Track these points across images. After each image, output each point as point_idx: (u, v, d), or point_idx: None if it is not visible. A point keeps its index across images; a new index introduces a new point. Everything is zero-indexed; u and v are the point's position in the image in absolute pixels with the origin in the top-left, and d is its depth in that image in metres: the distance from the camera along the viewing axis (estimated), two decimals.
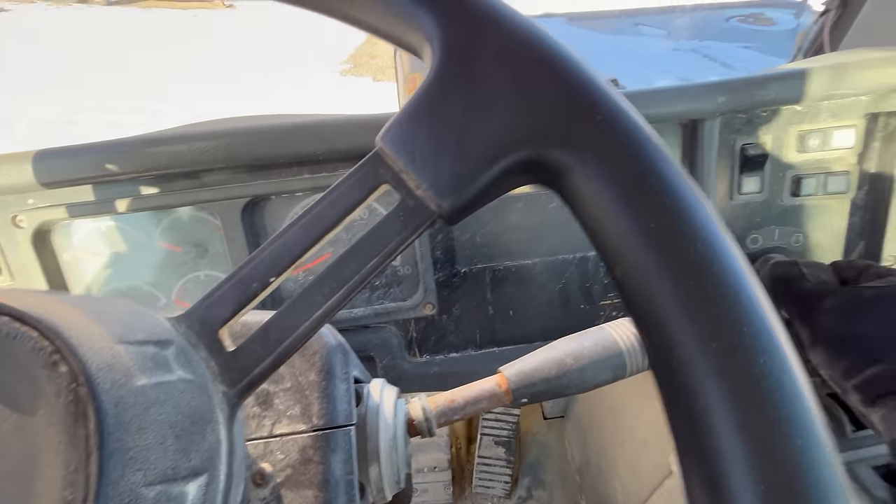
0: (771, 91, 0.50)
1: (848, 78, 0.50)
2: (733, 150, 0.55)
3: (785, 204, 0.56)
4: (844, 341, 0.43)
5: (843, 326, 0.44)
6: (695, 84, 0.52)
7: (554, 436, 1.46)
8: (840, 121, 0.53)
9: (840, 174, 0.54)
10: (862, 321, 0.43)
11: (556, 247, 0.57)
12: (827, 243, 0.57)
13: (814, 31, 0.77)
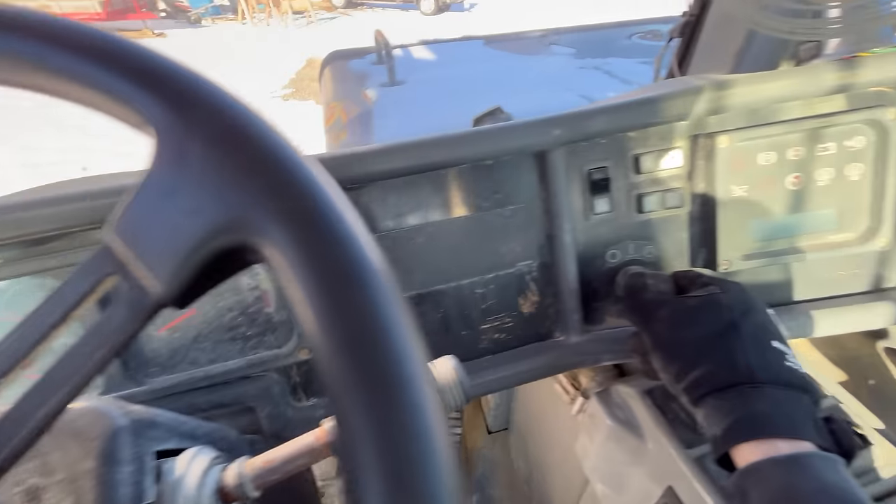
0: (598, 123, 0.55)
1: (668, 106, 0.56)
2: (582, 174, 0.60)
3: (633, 220, 0.61)
4: (673, 347, 0.47)
5: (672, 334, 0.48)
6: (536, 120, 0.56)
7: (499, 449, 1.48)
8: (668, 143, 0.59)
9: (674, 191, 0.60)
10: (686, 329, 0.47)
11: (427, 279, 0.59)
12: (674, 253, 0.62)
13: (666, 56, 0.85)
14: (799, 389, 0.40)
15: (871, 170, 0.58)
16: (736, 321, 0.44)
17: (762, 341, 0.43)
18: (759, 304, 0.47)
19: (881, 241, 0.59)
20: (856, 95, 0.56)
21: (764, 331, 0.45)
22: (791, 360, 0.42)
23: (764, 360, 0.42)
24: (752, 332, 0.44)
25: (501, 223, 0.60)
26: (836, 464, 0.36)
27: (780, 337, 0.45)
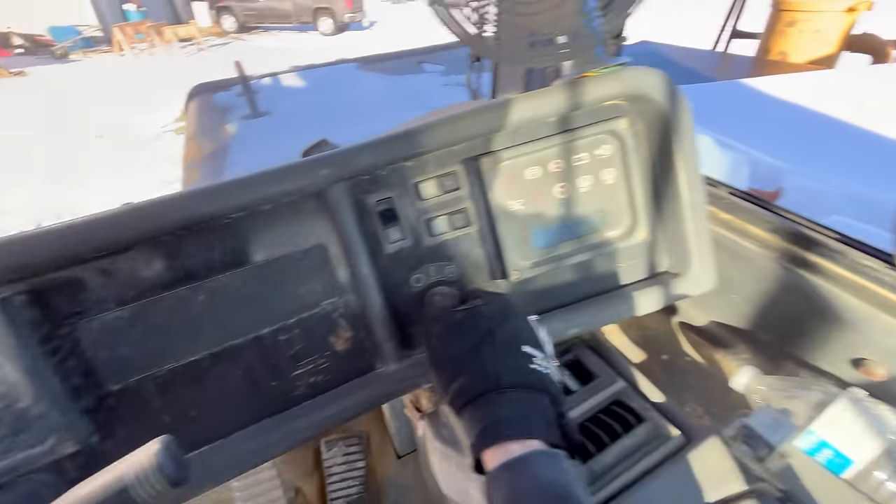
0: (364, 159, 0.56)
1: (434, 135, 0.58)
2: (369, 207, 0.60)
3: (429, 244, 0.63)
4: (441, 361, 0.49)
5: (441, 348, 0.50)
6: (303, 161, 0.56)
7: (410, 472, 1.46)
8: (445, 168, 0.61)
9: (460, 212, 0.63)
10: (451, 342, 0.49)
11: (219, 337, 0.56)
12: (473, 269, 0.65)
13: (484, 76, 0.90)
14: (539, 391, 0.43)
15: (622, 174, 0.65)
16: (493, 330, 0.47)
17: (513, 347, 0.46)
18: (518, 312, 0.50)
19: (641, 234, 0.66)
20: (595, 110, 0.62)
21: (516, 337, 0.47)
22: (538, 362, 0.45)
23: (511, 365, 0.45)
24: (504, 340, 0.46)
25: (294, 266, 0.59)
26: (558, 460, 0.39)
27: (533, 341, 0.48)
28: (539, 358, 0.46)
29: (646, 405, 0.61)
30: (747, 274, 0.67)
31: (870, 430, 0.50)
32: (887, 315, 0.53)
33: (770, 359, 0.67)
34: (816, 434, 0.53)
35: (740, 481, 0.50)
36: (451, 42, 2.09)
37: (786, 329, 0.64)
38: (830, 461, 0.52)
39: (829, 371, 0.60)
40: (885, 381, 0.54)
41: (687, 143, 0.63)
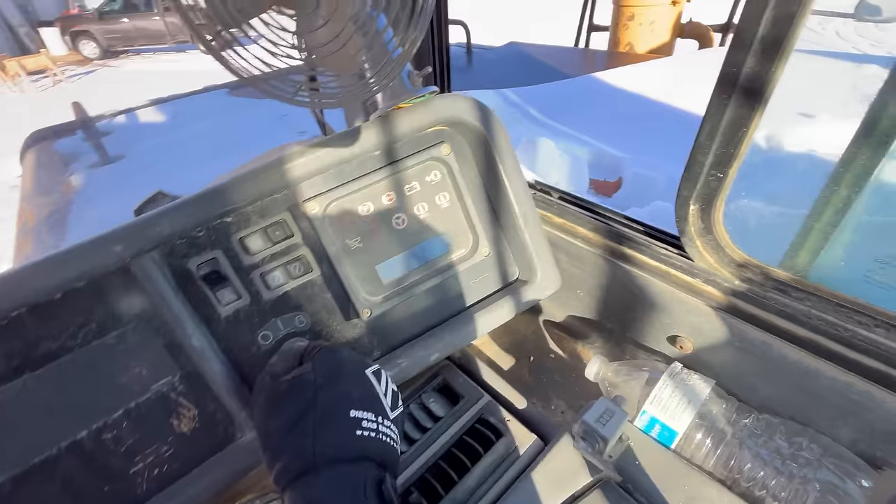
0: (166, 226, 0.52)
1: (248, 188, 0.55)
2: (191, 272, 0.56)
3: (270, 298, 0.60)
4: (265, 437, 0.45)
5: (263, 423, 0.46)
6: (93, 240, 0.50)
7: None
8: (270, 218, 0.58)
9: (297, 260, 0.60)
10: (273, 416, 0.45)
11: (20, 455, 0.49)
12: (325, 314, 0.63)
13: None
14: (361, 460, 0.41)
15: (455, 196, 0.66)
16: (315, 400, 0.44)
17: (337, 415, 0.43)
18: (350, 370, 0.47)
19: (485, 250, 0.68)
20: (417, 139, 0.63)
21: (344, 401, 0.44)
22: (367, 425, 0.43)
23: (332, 439, 0.42)
24: (329, 408, 0.43)
25: (108, 353, 0.53)
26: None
27: (365, 401, 0.45)
28: (369, 420, 0.44)
29: (507, 418, 0.64)
30: (584, 271, 0.72)
31: (685, 401, 0.56)
32: (686, 295, 0.60)
33: (616, 344, 0.73)
34: (648, 413, 0.58)
35: (586, 475, 0.54)
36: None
37: (622, 316, 0.70)
38: (661, 434, 0.57)
39: (656, 349, 0.67)
40: (695, 352, 0.61)
41: (508, 158, 0.66)
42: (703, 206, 0.53)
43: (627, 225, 0.65)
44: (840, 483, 0.47)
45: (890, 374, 0.45)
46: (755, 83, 0.43)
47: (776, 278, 0.50)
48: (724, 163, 0.48)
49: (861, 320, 0.46)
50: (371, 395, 0.46)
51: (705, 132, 0.48)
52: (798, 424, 0.53)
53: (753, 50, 0.42)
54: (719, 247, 0.54)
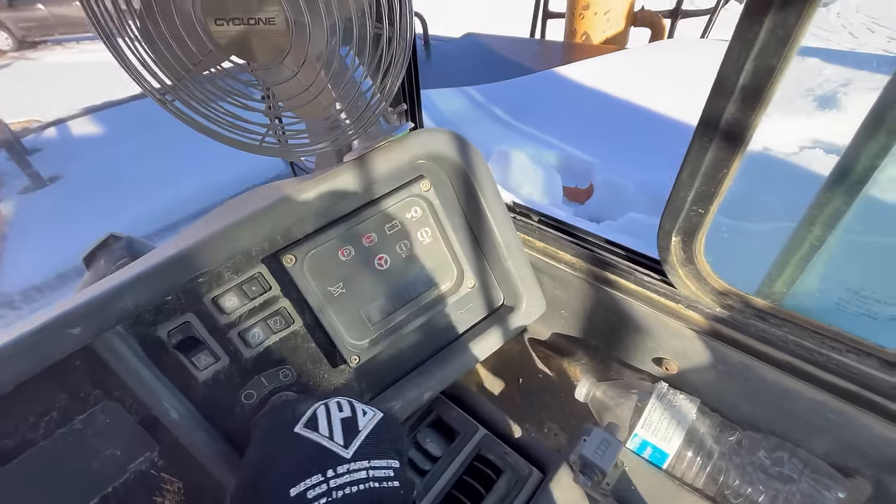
0: (128, 300, 0.47)
1: (217, 249, 0.51)
2: (161, 340, 0.51)
3: (250, 356, 0.57)
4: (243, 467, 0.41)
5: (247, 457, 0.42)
6: (46, 324, 0.45)
7: None
8: (244, 274, 0.55)
9: (276, 314, 0.57)
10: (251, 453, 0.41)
11: None
12: (311, 365, 0.61)
13: None
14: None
15: (437, 231, 0.65)
16: (255, 483, 0.38)
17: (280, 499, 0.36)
18: (275, 441, 0.41)
19: (470, 282, 0.67)
20: (395, 176, 0.61)
21: (280, 484, 0.37)
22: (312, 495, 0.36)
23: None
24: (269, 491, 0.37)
25: (76, 439, 0.48)
26: None
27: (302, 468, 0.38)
28: (314, 486, 0.36)
29: (505, 450, 0.64)
30: (567, 293, 0.73)
31: (674, 422, 0.59)
32: (670, 319, 0.61)
33: (602, 361, 0.75)
34: (640, 436, 0.60)
35: None
36: None
37: (607, 336, 0.71)
38: (652, 456, 0.59)
39: (642, 369, 0.69)
40: (679, 373, 0.63)
41: (488, 188, 0.65)
42: (685, 239, 0.54)
43: (609, 250, 0.66)
44: (818, 495, 0.50)
45: (861, 394, 0.49)
46: (735, 128, 0.44)
47: (755, 306, 0.53)
48: (706, 199, 0.49)
49: (834, 346, 0.49)
50: (308, 453, 0.39)
51: (687, 171, 0.49)
52: (778, 439, 0.56)
53: (734, 98, 0.42)
54: (701, 276, 0.55)
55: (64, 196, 1.34)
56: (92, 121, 1.78)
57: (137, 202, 1.19)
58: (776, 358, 0.53)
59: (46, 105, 2.07)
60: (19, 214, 1.23)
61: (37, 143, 1.66)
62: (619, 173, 1.12)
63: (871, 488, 0.50)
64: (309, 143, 0.53)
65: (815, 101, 1.24)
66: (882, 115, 0.40)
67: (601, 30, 2.77)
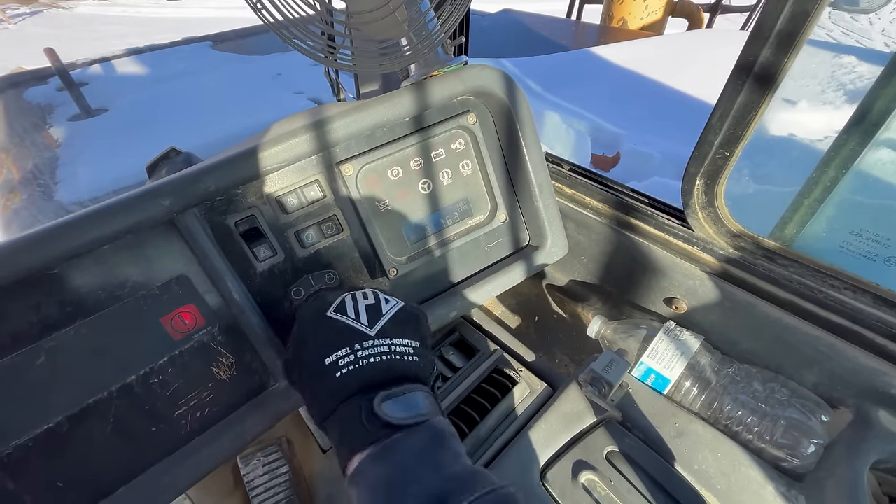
0: (212, 182, 0.53)
1: (284, 149, 0.57)
2: (230, 228, 0.58)
3: (303, 256, 0.63)
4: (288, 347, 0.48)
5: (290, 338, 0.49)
6: (142, 192, 0.51)
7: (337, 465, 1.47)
8: (305, 179, 0.61)
9: (329, 220, 0.63)
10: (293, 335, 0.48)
11: (74, 397, 0.51)
12: (353, 273, 0.67)
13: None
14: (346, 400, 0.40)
15: (477, 164, 0.70)
16: (301, 371, 0.44)
17: (316, 371, 0.42)
18: (309, 323, 0.46)
19: (502, 217, 0.73)
20: (445, 107, 0.66)
21: (315, 355, 0.43)
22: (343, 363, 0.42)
23: (321, 394, 0.42)
24: (307, 372, 0.43)
25: (154, 304, 0.55)
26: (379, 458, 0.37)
27: (333, 342, 0.43)
28: (343, 356, 0.42)
29: (519, 367, 0.70)
30: (590, 238, 0.78)
31: (678, 354, 0.64)
32: (685, 262, 0.67)
33: (615, 305, 0.81)
34: (645, 364, 0.66)
35: (591, 415, 0.61)
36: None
37: (622, 280, 0.77)
38: (655, 382, 0.65)
39: (653, 310, 0.74)
40: (688, 312, 0.69)
41: (528, 129, 0.70)
42: (708, 182, 0.59)
43: (634, 197, 0.71)
44: (804, 419, 0.56)
45: (851, 328, 0.54)
46: (769, 71, 0.48)
47: (766, 247, 0.58)
48: (732, 143, 0.54)
49: (834, 283, 0.54)
50: (338, 330, 0.44)
51: (717, 114, 0.54)
52: (771, 372, 0.62)
53: (770, 42, 0.47)
54: (719, 219, 0.60)
55: (112, 127, 1.41)
56: (135, 61, 1.84)
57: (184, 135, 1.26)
58: (779, 297, 0.59)
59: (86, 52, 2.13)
60: (70, 138, 1.31)
61: (83, 77, 1.73)
62: (646, 144, 1.15)
63: (851, 416, 0.56)
64: (376, 61, 0.58)
65: (845, 95, 1.27)
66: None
67: (639, 16, 2.76)
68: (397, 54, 0.60)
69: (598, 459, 0.57)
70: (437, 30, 0.59)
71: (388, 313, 0.47)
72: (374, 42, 0.59)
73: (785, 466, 0.56)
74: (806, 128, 1.12)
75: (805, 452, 0.55)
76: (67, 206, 1.04)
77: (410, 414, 0.39)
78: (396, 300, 0.50)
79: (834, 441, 0.55)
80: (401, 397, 0.40)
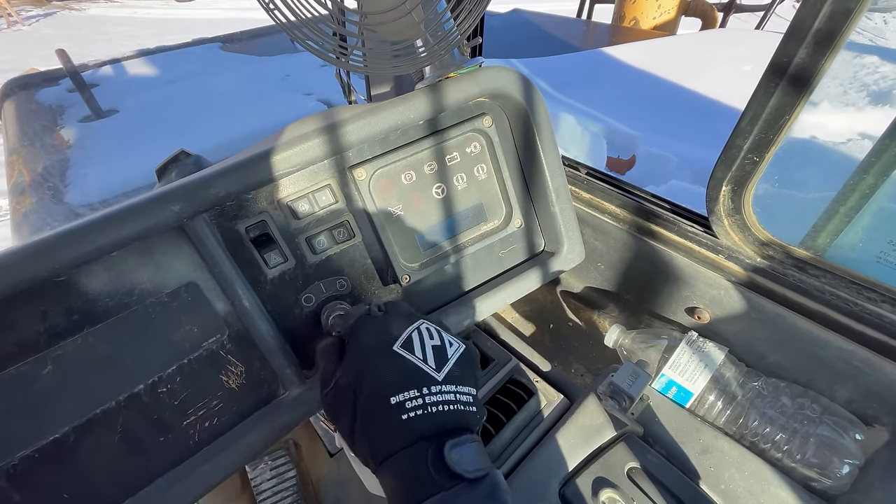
0: (223, 187, 0.52)
1: (296, 154, 0.55)
2: (240, 234, 0.56)
3: (314, 262, 0.61)
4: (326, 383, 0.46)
5: (325, 368, 0.48)
6: (152, 197, 0.50)
7: (346, 468, 1.46)
8: (317, 184, 0.59)
9: (341, 225, 0.62)
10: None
11: (81, 406, 0.50)
12: (365, 279, 0.65)
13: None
14: (417, 441, 0.39)
15: (492, 168, 0.68)
16: (356, 404, 0.42)
17: (379, 410, 0.41)
18: (375, 355, 0.45)
19: (517, 222, 0.71)
20: (460, 110, 0.64)
21: (380, 392, 0.41)
22: (410, 406, 0.40)
23: (381, 435, 0.41)
24: (367, 407, 0.42)
25: (162, 311, 0.54)
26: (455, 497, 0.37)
27: (401, 382, 0.42)
28: (411, 399, 0.41)
29: (535, 378, 0.68)
30: (608, 245, 0.76)
31: (701, 366, 0.62)
32: (708, 270, 0.64)
33: (632, 314, 0.78)
34: (666, 376, 0.64)
35: (611, 429, 0.59)
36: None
37: (641, 288, 0.74)
38: (676, 395, 0.63)
39: (673, 319, 0.72)
40: (710, 322, 0.66)
41: (546, 133, 0.68)
42: (735, 188, 0.56)
43: (655, 203, 0.69)
44: (837, 437, 0.54)
45: (889, 343, 0.51)
46: (804, 73, 0.46)
47: (796, 257, 0.55)
48: (763, 147, 0.52)
49: (870, 296, 0.51)
50: (406, 370, 0.43)
51: (748, 118, 0.51)
52: (800, 387, 0.59)
53: (807, 42, 0.44)
54: (746, 226, 0.58)
55: (123, 128, 1.40)
56: (145, 62, 1.84)
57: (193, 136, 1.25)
58: (810, 308, 0.56)
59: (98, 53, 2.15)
60: (81, 139, 1.31)
61: (94, 78, 1.73)
62: (662, 146, 1.13)
63: (888, 435, 0.53)
64: (389, 62, 0.56)
65: (868, 96, 1.23)
66: None
67: (651, 16, 2.73)
68: (412, 56, 0.59)
69: (619, 476, 0.55)
70: (455, 31, 0.57)
71: (452, 357, 0.46)
72: (387, 43, 0.58)
73: (816, 487, 0.53)
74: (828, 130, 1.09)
75: (838, 473, 0.52)
76: (77, 209, 1.03)
77: (478, 466, 0.38)
78: (458, 342, 0.48)
79: (869, 461, 0.52)
80: (465, 447, 0.39)
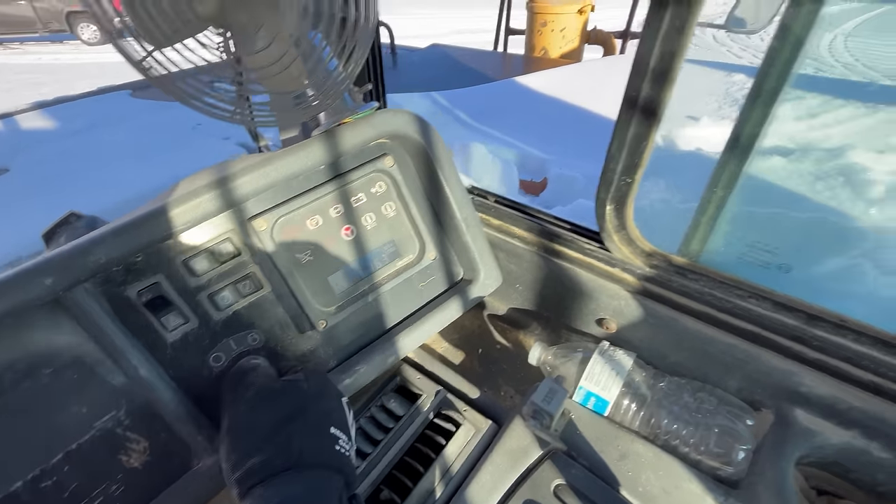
0: (103, 253, 0.49)
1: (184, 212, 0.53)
2: (131, 300, 0.53)
3: (220, 318, 0.59)
4: (246, 430, 0.46)
5: (249, 414, 0.47)
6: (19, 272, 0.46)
7: None
8: (215, 238, 0.57)
9: (246, 278, 0.60)
10: (263, 410, 0.47)
11: None
12: (279, 329, 0.63)
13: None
14: (337, 471, 0.45)
15: (400, 205, 0.70)
16: (306, 406, 0.48)
17: (322, 427, 0.47)
18: (333, 393, 0.52)
19: (431, 255, 0.73)
20: (360, 152, 0.65)
21: (327, 417, 0.49)
22: (342, 444, 0.47)
23: (316, 445, 0.46)
24: (315, 419, 0.48)
25: (42, 394, 0.49)
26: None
27: (341, 424, 0.49)
28: (343, 441, 0.48)
29: (463, 407, 0.69)
30: (521, 267, 0.80)
31: (613, 374, 0.66)
32: (608, 282, 0.69)
33: (553, 330, 0.82)
34: (584, 388, 0.67)
35: (537, 449, 0.60)
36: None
37: (556, 305, 0.78)
38: (596, 405, 0.66)
39: (587, 332, 0.76)
40: (618, 331, 0.71)
41: (447, 167, 0.71)
42: (617, 206, 0.62)
43: (556, 224, 0.73)
44: (732, 425, 0.58)
45: (760, 334, 0.57)
46: (651, 104, 0.52)
47: (677, 264, 0.61)
48: (632, 170, 0.57)
49: (739, 293, 0.57)
50: (345, 420, 0.50)
51: (615, 145, 0.57)
52: (698, 382, 0.64)
53: (648, 79, 0.50)
54: (631, 240, 0.63)
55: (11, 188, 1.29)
56: (43, 115, 1.72)
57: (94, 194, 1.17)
58: (695, 309, 0.62)
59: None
60: None
61: None
62: (571, 167, 1.21)
63: (773, 417, 0.59)
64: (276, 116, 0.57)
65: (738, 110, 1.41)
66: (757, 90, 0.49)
67: (558, 45, 2.98)
68: (301, 106, 0.59)
69: (546, 496, 0.56)
70: (343, 77, 0.59)
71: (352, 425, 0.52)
72: (282, 94, 0.58)
73: (721, 475, 0.58)
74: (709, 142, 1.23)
75: (736, 458, 0.57)
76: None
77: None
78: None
79: (760, 444, 0.57)
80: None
